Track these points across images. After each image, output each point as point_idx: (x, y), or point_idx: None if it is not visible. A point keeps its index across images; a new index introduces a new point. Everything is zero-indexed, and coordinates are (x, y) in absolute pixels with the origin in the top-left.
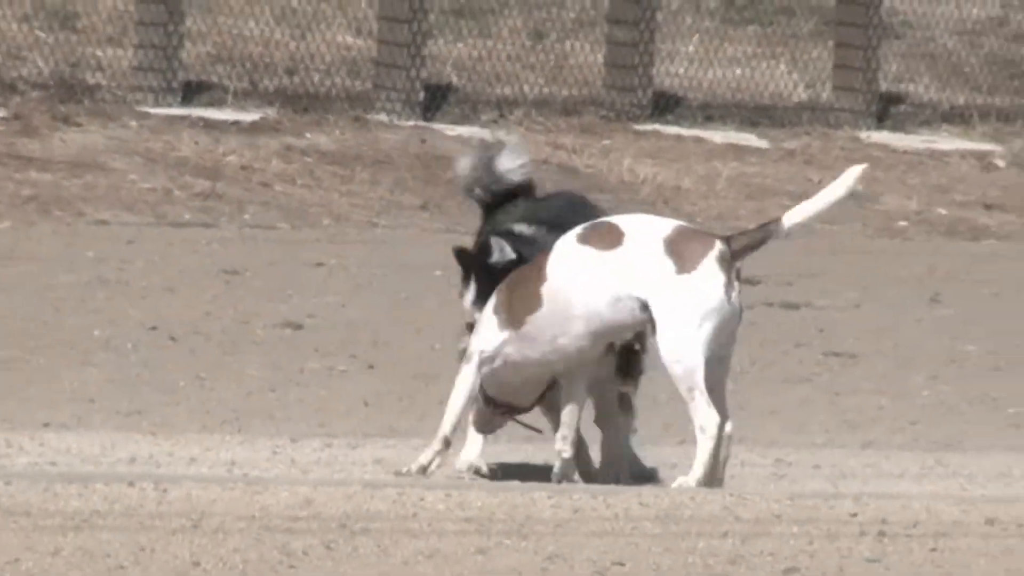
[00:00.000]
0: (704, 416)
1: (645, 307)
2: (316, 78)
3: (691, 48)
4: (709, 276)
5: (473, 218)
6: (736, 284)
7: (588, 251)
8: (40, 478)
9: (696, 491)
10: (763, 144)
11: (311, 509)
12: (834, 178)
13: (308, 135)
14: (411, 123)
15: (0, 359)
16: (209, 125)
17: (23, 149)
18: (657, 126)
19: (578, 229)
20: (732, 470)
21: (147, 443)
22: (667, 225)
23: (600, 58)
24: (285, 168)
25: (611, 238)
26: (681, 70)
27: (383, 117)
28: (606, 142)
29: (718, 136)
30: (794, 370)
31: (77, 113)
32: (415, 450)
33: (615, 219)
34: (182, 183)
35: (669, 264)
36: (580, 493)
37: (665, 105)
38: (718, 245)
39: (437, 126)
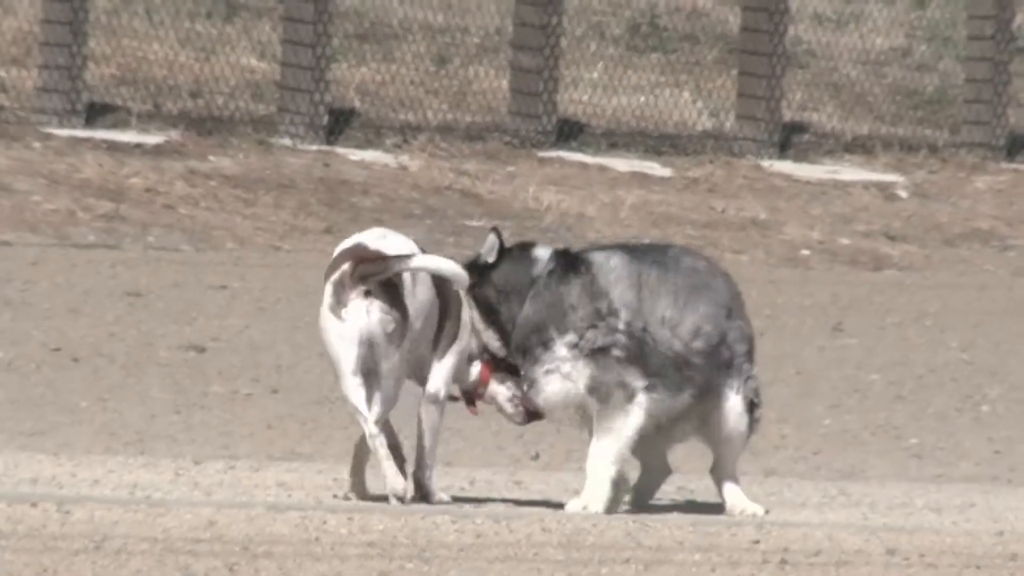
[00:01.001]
0: (360, 420)
1: None
2: (220, 101)
3: (595, 75)
4: (326, 298)
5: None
6: (359, 304)
7: None
8: None
9: (599, 517)
10: (667, 172)
11: (214, 531)
12: (738, 208)
13: (212, 158)
14: (315, 147)
15: None
16: (113, 147)
17: None
18: (561, 153)
19: None
20: None
21: (50, 464)
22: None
23: (504, 84)
24: (189, 191)
25: None
26: (585, 97)
27: (287, 141)
28: (510, 169)
29: (622, 164)
30: None
31: None
32: (318, 473)
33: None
34: (86, 204)
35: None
36: (483, 518)
37: (569, 132)
38: (343, 268)
39: (341, 150)
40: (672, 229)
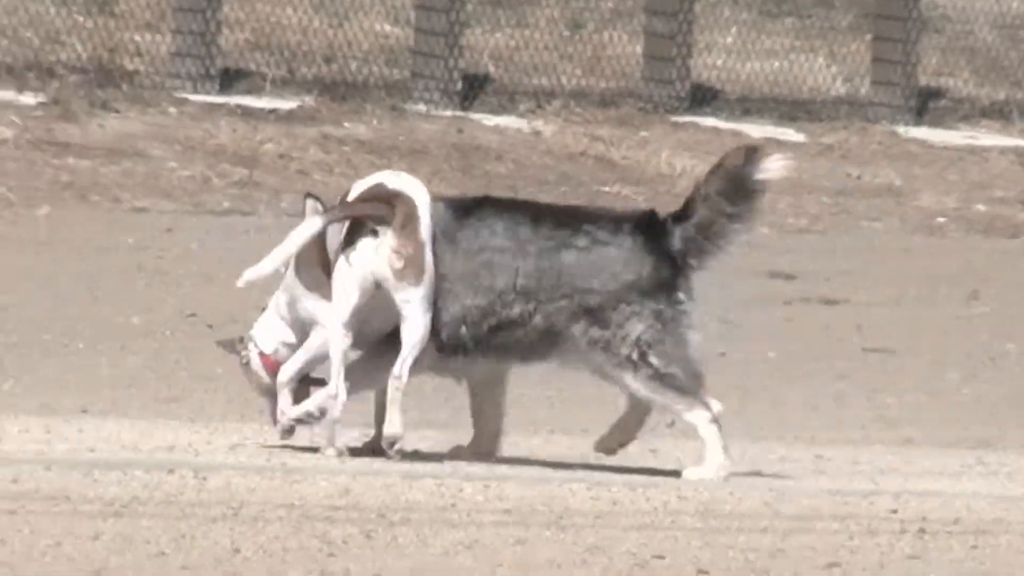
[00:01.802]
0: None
1: None
2: (354, 66)
3: (729, 40)
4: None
5: None
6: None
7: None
8: (80, 464)
9: (736, 485)
10: (800, 138)
11: (350, 498)
12: (872, 174)
13: (346, 124)
14: (448, 113)
15: (39, 345)
16: (247, 113)
17: (61, 134)
18: (695, 118)
19: None
20: (772, 465)
21: (186, 430)
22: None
23: (638, 49)
24: (323, 157)
25: None
26: (719, 62)
27: (420, 106)
28: (644, 134)
29: (755, 130)
30: (832, 366)
31: (115, 99)
32: (454, 441)
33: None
34: (220, 171)
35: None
36: (619, 486)
37: (703, 97)
38: (414, 201)
39: (474, 116)
40: (806, 196)
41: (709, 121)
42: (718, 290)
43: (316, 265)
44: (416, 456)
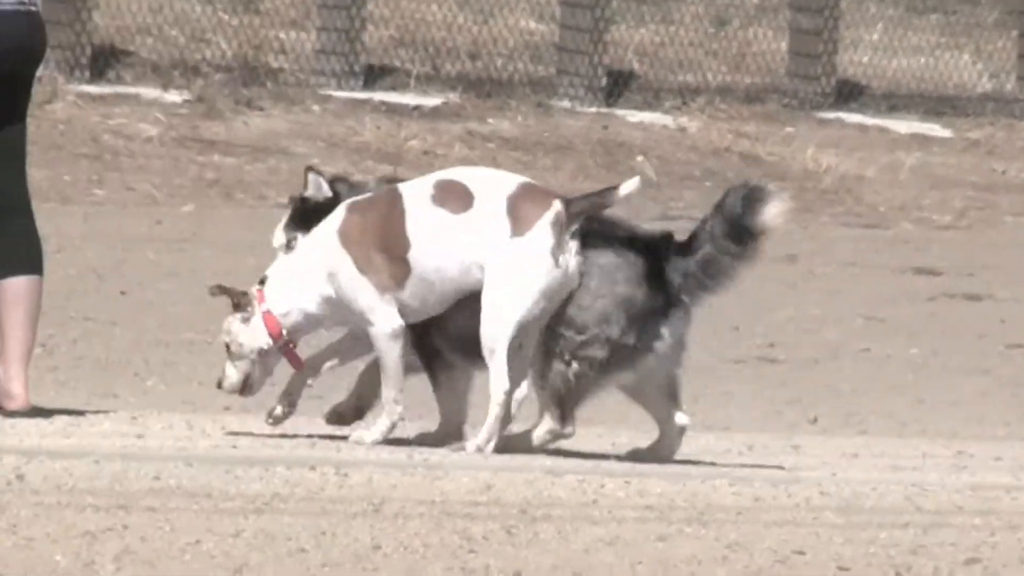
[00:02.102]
0: (499, 381)
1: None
2: (499, 63)
3: (875, 36)
4: (540, 239)
5: (655, 206)
6: (571, 246)
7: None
8: (222, 461)
9: (877, 481)
10: (946, 134)
11: (491, 494)
12: (1018, 170)
13: (490, 120)
14: (593, 109)
15: (182, 343)
16: (391, 109)
17: (206, 132)
18: (840, 115)
19: (430, 188)
20: (913, 461)
21: (328, 427)
22: (512, 183)
23: (783, 46)
24: (467, 153)
25: (463, 199)
26: (865, 59)
27: (565, 103)
28: (789, 130)
29: (902, 126)
30: (975, 362)
31: (260, 96)
32: (597, 437)
33: (467, 175)
34: (364, 167)
35: (506, 226)
36: (761, 482)
37: (849, 93)
38: (555, 206)
39: (619, 112)
40: (951, 191)
41: (855, 117)
42: (863, 287)
43: (379, 249)
44: (559, 452)
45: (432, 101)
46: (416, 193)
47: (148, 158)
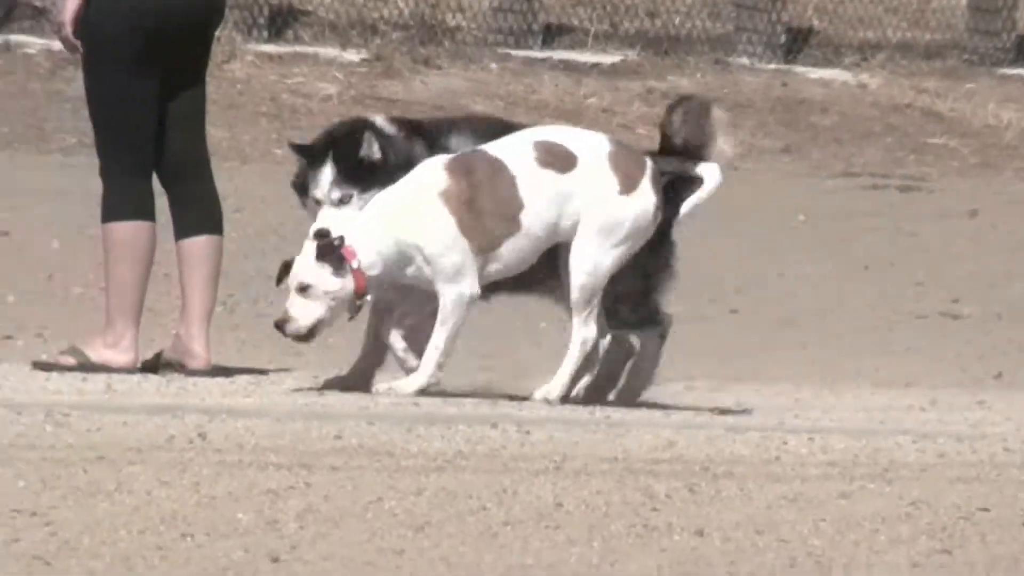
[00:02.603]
0: (588, 331)
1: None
2: (677, 20)
3: None
4: (645, 196)
5: (836, 162)
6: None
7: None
8: (403, 420)
9: None
10: None
11: (674, 452)
12: None
13: (669, 77)
14: (772, 66)
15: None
16: (569, 68)
17: (384, 91)
18: (1021, 70)
19: (530, 149)
20: None
21: (508, 388)
22: (605, 142)
23: (963, 1)
24: (646, 111)
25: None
26: None
27: (744, 60)
28: (969, 86)
29: None
30: None
31: (438, 55)
32: (777, 395)
33: (557, 135)
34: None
35: (613, 184)
36: (945, 438)
37: None
38: (650, 164)
39: (799, 69)
40: None
41: None
42: None
43: (488, 212)
44: (739, 409)
45: (610, 59)
46: (518, 155)
47: (327, 117)
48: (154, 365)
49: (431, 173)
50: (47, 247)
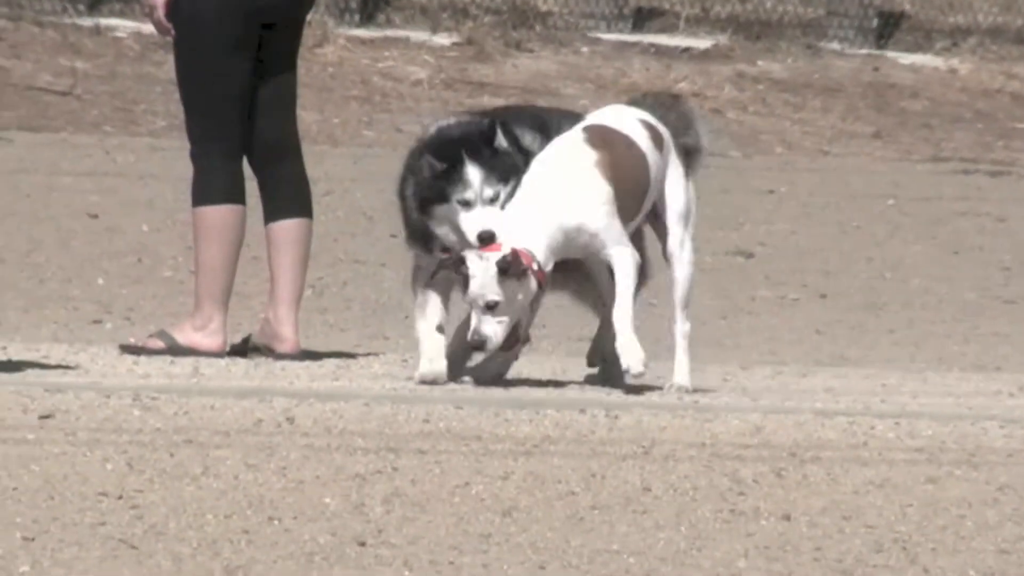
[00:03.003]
0: (688, 323)
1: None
2: (768, 5)
3: None
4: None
5: (926, 147)
6: None
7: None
8: (491, 403)
9: None
10: None
11: (761, 437)
12: None
13: (760, 62)
14: (863, 51)
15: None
16: (660, 51)
17: (475, 74)
18: None
19: (640, 127)
20: None
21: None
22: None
23: None
24: (737, 95)
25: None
26: None
27: (835, 45)
28: None
29: None
30: None
31: (528, 39)
32: (865, 379)
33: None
34: None
35: (680, 168)
36: None
37: None
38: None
39: (890, 54)
40: None
41: None
42: None
43: (631, 195)
44: (829, 392)
45: (701, 43)
46: (636, 132)
47: (417, 100)
48: (242, 349)
49: (576, 149)
50: (137, 230)
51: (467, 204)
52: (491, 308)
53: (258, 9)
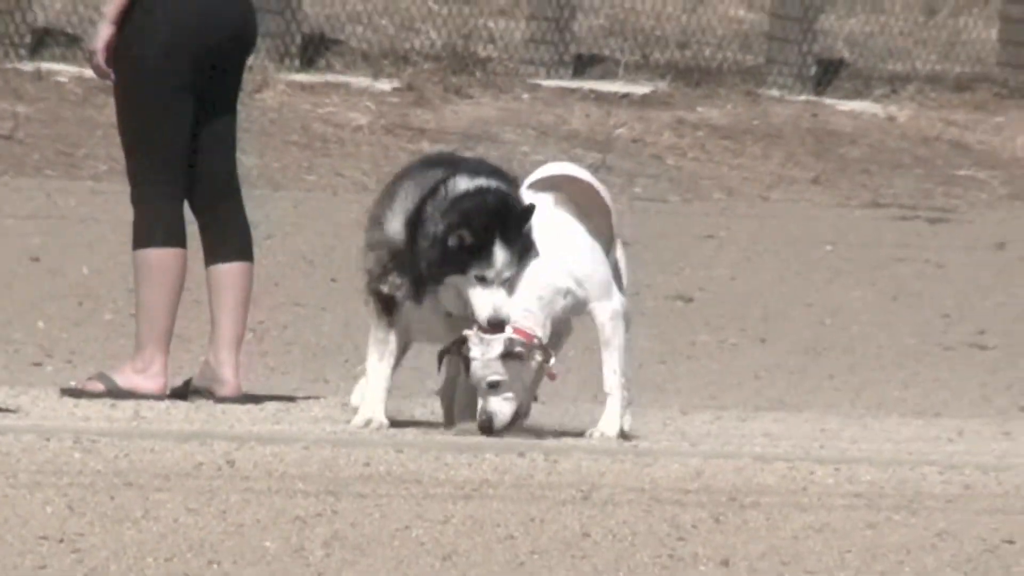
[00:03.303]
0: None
1: None
2: (708, 52)
3: None
4: None
5: (866, 193)
6: None
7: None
8: (431, 447)
9: None
10: None
11: (700, 481)
12: None
13: (700, 108)
14: (803, 97)
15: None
16: (600, 98)
17: (415, 120)
18: None
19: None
20: None
21: (536, 414)
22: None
23: (993, 34)
24: (676, 141)
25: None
26: None
27: (775, 91)
28: (999, 119)
29: None
30: None
31: (469, 85)
32: (805, 423)
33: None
34: (573, 155)
35: None
36: (971, 468)
37: None
38: None
39: (829, 100)
40: None
41: None
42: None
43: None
44: (769, 437)
45: (641, 89)
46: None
47: (358, 145)
48: (183, 392)
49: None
50: (78, 273)
51: (484, 281)
52: (494, 388)
53: (203, 50)
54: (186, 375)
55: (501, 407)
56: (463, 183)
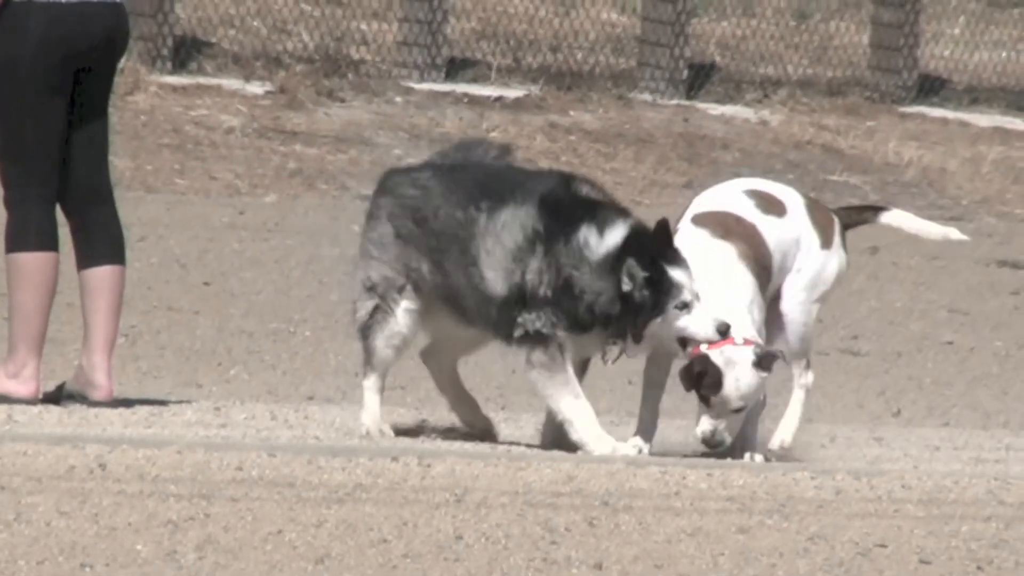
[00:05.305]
0: (809, 378)
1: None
2: (580, 55)
3: (956, 31)
4: (839, 250)
5: None
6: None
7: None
8: (304, 451)
9: (959, 474)
10: None
11: (573, 485)
12: None
13: (572, 112)
14: (674, 102)
15: (265, 332)
16: (473, 101)
17: (288, 123)
18: (922, 108)
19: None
20: (996, 454)
21: (411, 417)
22: (796, 194)
23: (865, 39)
24: (549, 145)
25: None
26: (947, 52)
27: (646, 95)
28: (870, 124)
29: (983, 119)
30: None
31: (341, 88)
32: (677, 429)
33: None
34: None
35: (816, 237)
36: (843, 474)
37: (930, 87)
38: (838, 220)
39: (700, 105)
40: None
41: (937, 111)
42: (947, 279)
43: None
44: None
45: (514, 93)
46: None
47: (230, 148)
48: (56, 396)
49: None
50: None
51: (687, 307)
52: (739, 411)
53: (75, 53)
54: (59, 379)
55: (735, 425)
56: (593, 238)
